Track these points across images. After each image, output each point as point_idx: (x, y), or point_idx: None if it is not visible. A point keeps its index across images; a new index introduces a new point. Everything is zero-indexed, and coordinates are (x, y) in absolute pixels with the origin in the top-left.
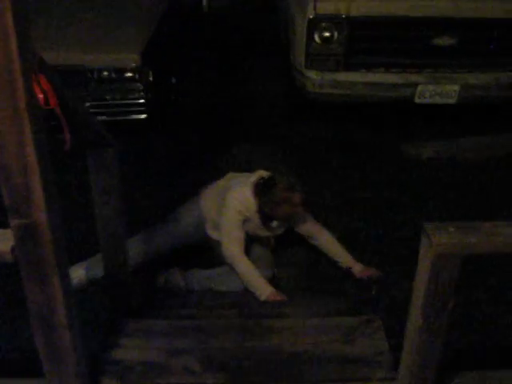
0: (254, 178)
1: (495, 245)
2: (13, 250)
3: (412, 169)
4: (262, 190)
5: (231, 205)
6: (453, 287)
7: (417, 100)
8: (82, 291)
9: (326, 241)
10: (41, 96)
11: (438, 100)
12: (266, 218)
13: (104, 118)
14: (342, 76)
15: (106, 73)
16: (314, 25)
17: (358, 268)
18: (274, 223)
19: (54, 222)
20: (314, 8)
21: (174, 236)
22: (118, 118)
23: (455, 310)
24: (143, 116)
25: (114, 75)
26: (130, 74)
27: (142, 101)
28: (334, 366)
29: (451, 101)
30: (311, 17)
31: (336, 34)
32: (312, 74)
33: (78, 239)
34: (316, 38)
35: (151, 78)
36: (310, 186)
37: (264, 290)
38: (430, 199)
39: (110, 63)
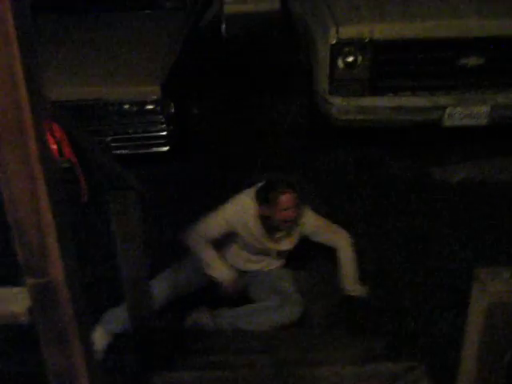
0: (257, 186)
1: None
2: (30, 311)
3: (442, 194)
4: (260, 194)
5: (225, 208)
6: (509, 338)
7: (446, 123)
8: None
9: (340, 255)
10: (54, 147)
11: (468, 122)
12: (268, 226)
13: (126, 151)
14: (368, 101)
15: (126, 106)
16: (336, 50)
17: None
18: (279, 234)
19: (72, 281)
20: (337, 32)
21: (198, 274)
22: (140, 151)
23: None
24: (165, 148)
25: (134, 108)
26: (151, 107)
27: (164, 133)
28: None
29: (482, 122)
30: (334, 42)
31: (360, 58)
32: (337, 100)
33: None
34: (339, 63)
35: (173, 110)
36: (336, 214)
37: (221, 272)
38: (462, 225)
39: (131, 96)
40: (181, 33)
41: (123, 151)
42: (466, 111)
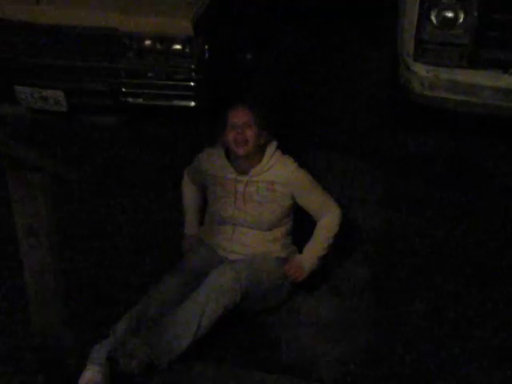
0: None
1: None
2: None
3: None
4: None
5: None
6: None
7: None
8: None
9: (316, 230)
10: None
11: None
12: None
13: (140, 101)
14: (465, 75)
15: (147, 42)
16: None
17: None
18: (242, 162)
19: None
20: None
21: None
22: (159, 102)
23: None
24: (191, 103)
25: (157, 46)
26: (178, 47)
27: (191, 83)
28: None
29: None
30: None
31: (462, 15)
32: (422, 69)
33: None
34: (433, 18)
35: (206, 55)
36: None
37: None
38: None
39: (154, 30)
40: None
41: (137, 100)
42: None
